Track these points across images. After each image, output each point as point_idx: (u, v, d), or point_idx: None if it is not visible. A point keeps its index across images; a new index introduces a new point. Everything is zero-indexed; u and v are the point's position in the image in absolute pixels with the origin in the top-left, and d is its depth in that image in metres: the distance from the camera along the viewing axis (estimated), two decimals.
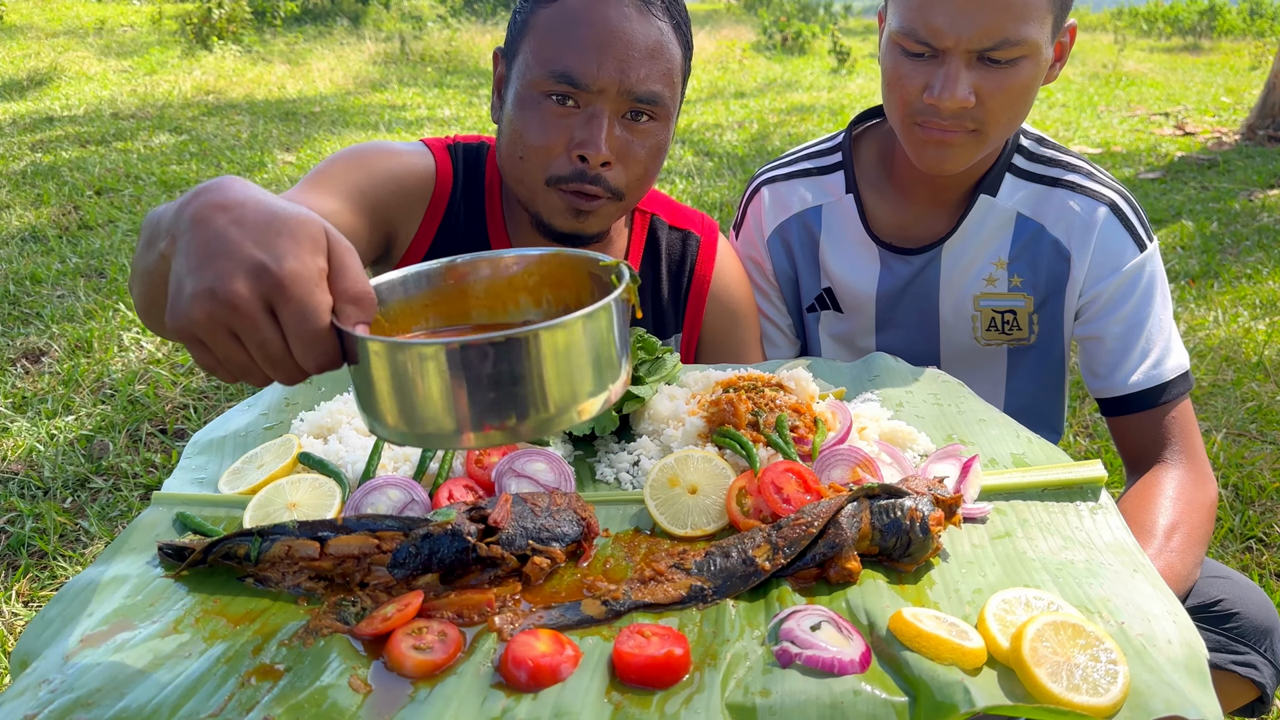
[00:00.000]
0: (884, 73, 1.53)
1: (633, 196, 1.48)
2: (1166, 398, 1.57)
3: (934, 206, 1.68)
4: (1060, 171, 1.65)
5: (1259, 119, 8.19)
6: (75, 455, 3.04)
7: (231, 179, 0.87)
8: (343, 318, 0.81)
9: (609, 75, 1.37)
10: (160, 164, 6.60)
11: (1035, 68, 1.45)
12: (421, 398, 0.77)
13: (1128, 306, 1.60)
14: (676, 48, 1.44)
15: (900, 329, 1.77)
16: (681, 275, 1.73)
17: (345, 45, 12.73)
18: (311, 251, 0.80)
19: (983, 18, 1.38)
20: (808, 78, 12.07)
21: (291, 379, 0.83)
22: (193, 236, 0.80)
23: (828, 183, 1.77)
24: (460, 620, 0.96)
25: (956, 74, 1.42)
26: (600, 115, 1.39)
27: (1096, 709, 0.81)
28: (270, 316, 0.79)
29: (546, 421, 0.78)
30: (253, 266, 0.78)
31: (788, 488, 1.10)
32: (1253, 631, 1.48)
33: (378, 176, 1.50)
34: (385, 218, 1.52)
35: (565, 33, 1.38)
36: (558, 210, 1.45)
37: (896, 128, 1.55)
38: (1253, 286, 4.66)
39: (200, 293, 0.78)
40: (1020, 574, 1.02)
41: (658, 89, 1.40)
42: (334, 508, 1.12)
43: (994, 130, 1.49)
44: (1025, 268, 1.66)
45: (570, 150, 1.40)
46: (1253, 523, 2.78)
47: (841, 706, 0.83)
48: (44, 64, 10.04)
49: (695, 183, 6.59)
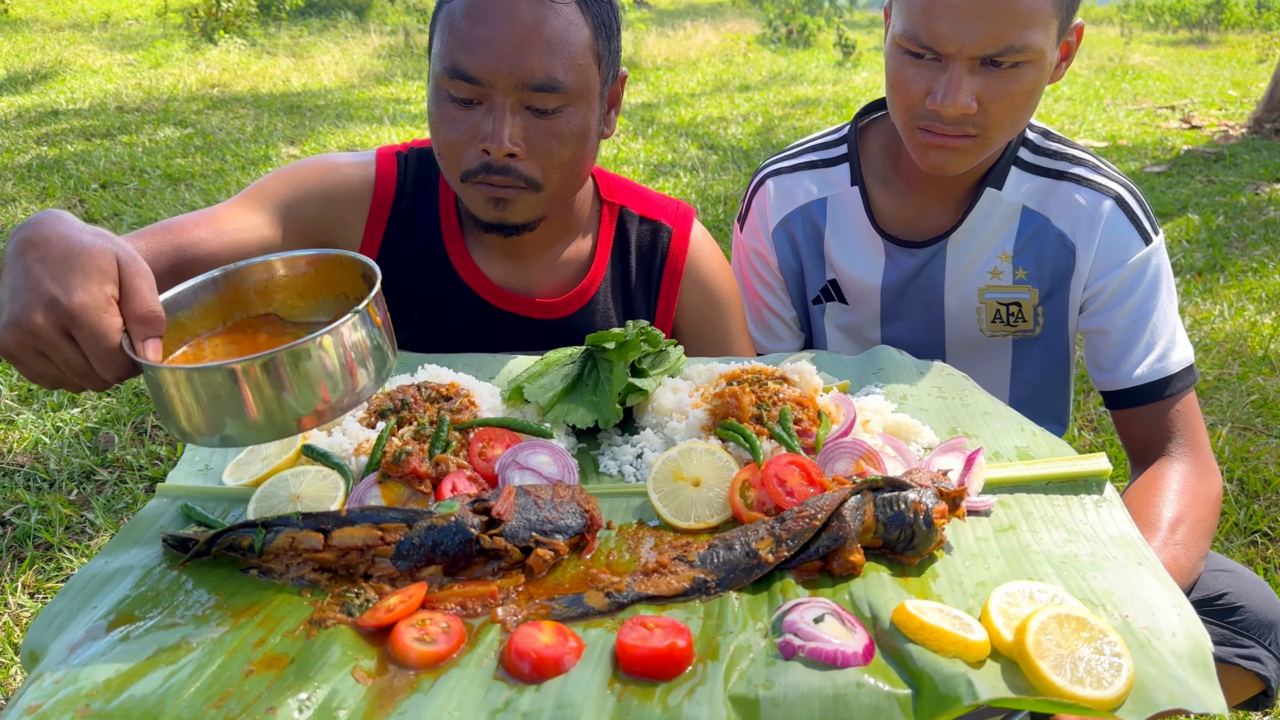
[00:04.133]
0: (888, 73, 1.53)
1: (554, 186, 1.47)
2: (1171, 391, 1.57)
3: (939, 200, 1.68)
4: (1066, 165, 1.65)
5: (1266, 112, 8.15)
6: (81, 447, 3.05)
7: (48, 215, 1.03)
8: (134, 336, 0.99)
9: (498, 68, 1.36)
10: (165, 158, 6.60)
11: (1039, 72, 1.45)
12: (174, 405, 0.95)
13: (1133, 299, 1.60)
14: (582, 26, 1.41)
15: (906, 321, 1.77)
16: (652, 266, 1.72)
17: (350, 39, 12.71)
18: (100, 282, 0.96)
19: (986, 25, 1.37)
20: (812, 71, 12.03)
21: (100, 388, 1.01)
22: (8, 271, 0.99)
23: (833, 175, 1.76)
24: (464, 612, 0.96)
25: (959, 81, 1.42)
26: (499, 109, 1.39)
27: (1100, 702, 0.81)
28: (69, 339, 0.96)
29: (272, 429, 0.96)
30: (48, 300, 0.95)
31: (791, 480, 1.10)
32: (1257, 625, 1.47)
33: (307, 192, 1.58)
34: (315, 229, 1.59)
35: (458, 28, 1.38)
36: (477, 202, 1.47)
37: (900, 128, 1.55)
38: (1259, 280, 4.64)
39: (9, 323, 0.95)
40: (1024, 567, 1.02)
41: (558, 75, 1.39)
42: (338, 499, 1.12)
43: (996, 135, 1.49)
44: (1030, 260, 1.66)
45: (476, 145, 1.41)
46: (1258, 517, 2.77)
47: (844, 699, 0.82)
48: (49, 57, 10.04)
49: (699, 176, 6.58)
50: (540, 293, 1.66)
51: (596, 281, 1.67)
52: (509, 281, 1.64)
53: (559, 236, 1.65)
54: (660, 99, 9.87)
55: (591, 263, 1.68)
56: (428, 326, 1.65)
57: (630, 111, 9.06)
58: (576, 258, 1.68)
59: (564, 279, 1.67)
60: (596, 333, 1.36)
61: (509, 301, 1.64)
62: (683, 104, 9.55)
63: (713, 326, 1.75)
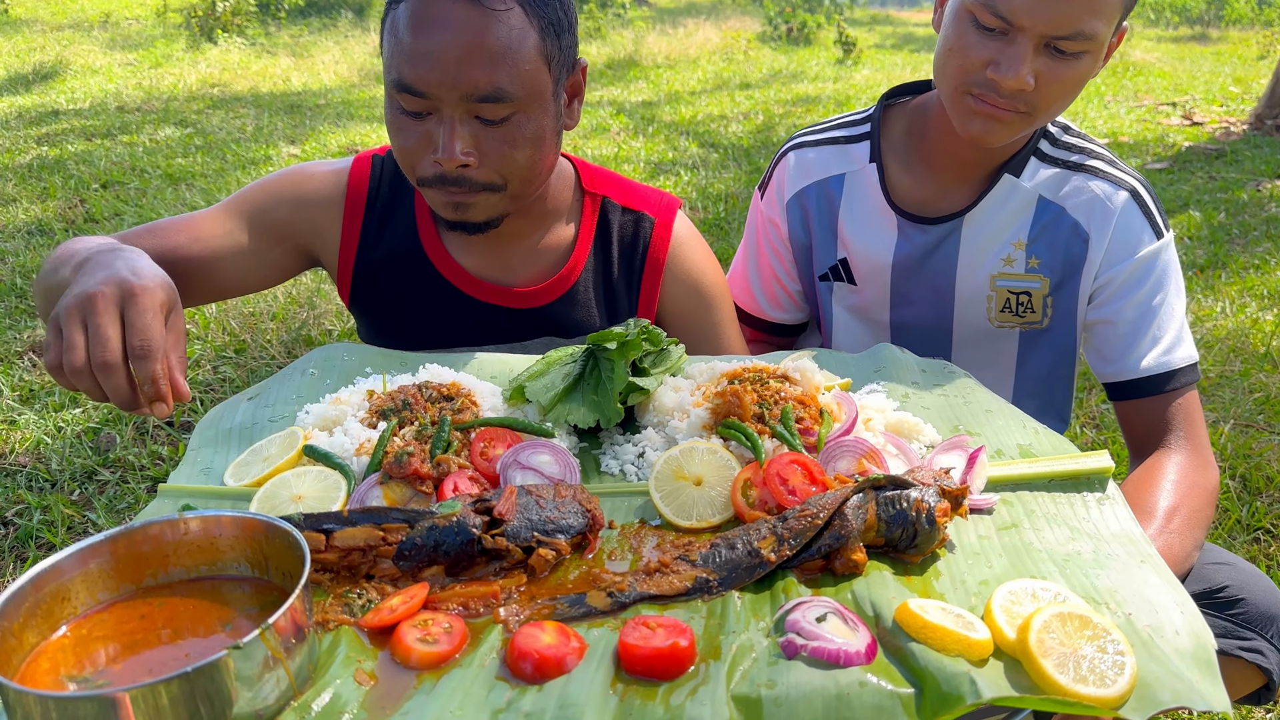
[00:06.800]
0: (946, 39, 1.53)
1: (515, 186, 1.47)
2: (1174, 385, 1.59)
3: (958, 182, 1.70)
4: (1083, 157, 1.68)
5: (1267, 108, 8.14)
6: (83, 448, 3.05)
7: None
8: None
9: (441, 82, 1.35)
10: (166, 157, 6.60)
11: (1094, 62, 1.48)
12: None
13: (1142, 291, 1.62)
14: (527, 31, 1.39)
15: (914, 306, 1.77)
16: (634, 257, 1.72)
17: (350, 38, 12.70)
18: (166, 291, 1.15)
19: (1063, 6, 1.40)
20: (813, 69, 12.01)
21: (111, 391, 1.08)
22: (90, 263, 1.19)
23: (853, 151, 1.78)
24: (466, 612, 0.96)
25: (1024, 56, 1.43)
26: (447, 121, 1.39)
27: (1103, 700, 0.81)
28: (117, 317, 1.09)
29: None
30: (120, 278, 1.12)
31: (793, 479, 1.10)
32: (1259, 617, 1.48)
33: (279, 198, 1.62)
34: (288, 233, 1.64)
35: (401, 39, 1.38)
36: (439, 205, 1.49)
37: (945, 94, 1.56)
38: (1260, 277, 4.63)
39: (79, 292, 1.10)
40: (1027, 565, 1.02)
41: (503, 84, 1.37)
42: (339, 500, 1.12)
43: (1043, 115, 1.52)
44: (1044, 249, 1.67)
45: (429, 154, 1.42)
46: (1260, 513, 2.77)
47: (847, 698, 0.82)
48: (49, 57, 10.03)
49: (700, 174, 6.57)
50: (520, 281, 1.66)
51: (577, 270, 1.68)
52: (487, 272, 1.65)
53: (536, 225, 1.66)
54: (661, 97, 9.86)
55: (572, 251, 1.68)
56: (409, 323, 1.68)
57: (631, 110, 9.05)
58: (557, 246, 1.68)
59: (544, 268, 1.67)
60: (598, 332, 1.36)
61: (487, 293, 1.65)
62: (683, 102, 9.54)
63: (700, 319, 1.75)
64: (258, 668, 0.80)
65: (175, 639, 0.90)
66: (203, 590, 0.96)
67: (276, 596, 0.94)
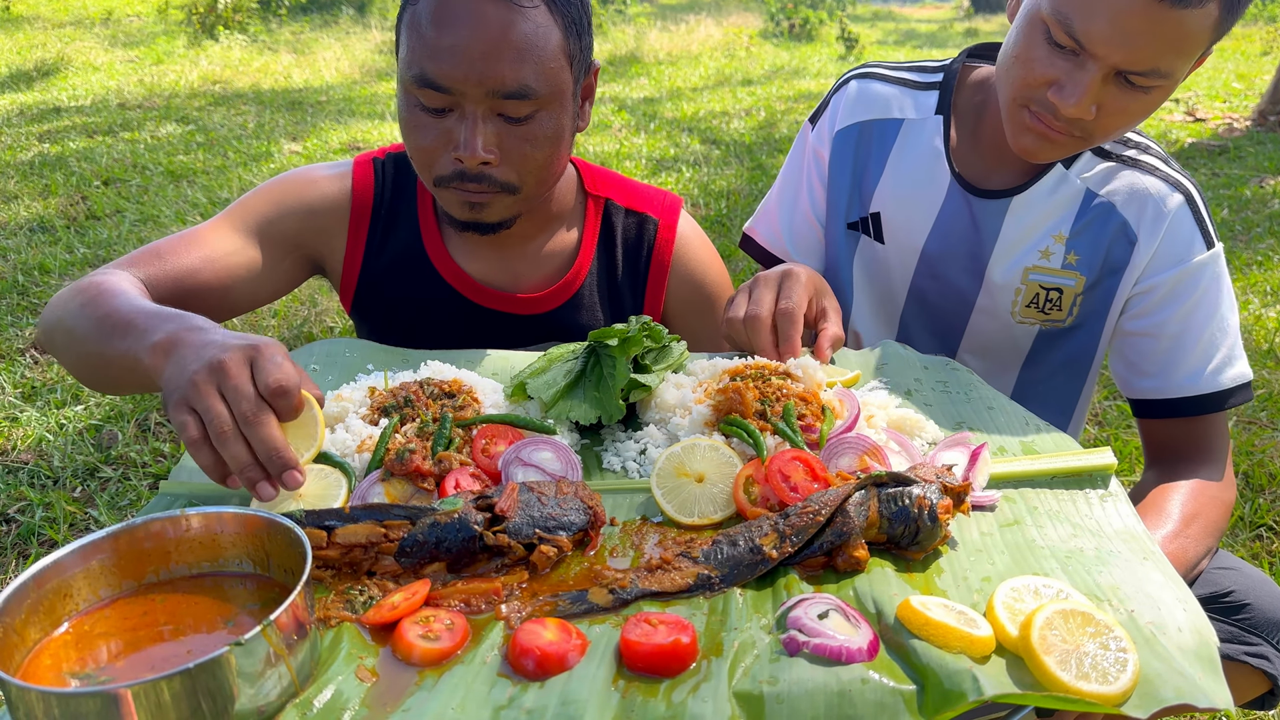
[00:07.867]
0: (1014, 43, 1.43)
1: (530, 187, 1.47)
2: (1220, 406, 1.51)
3: (1015, 160, 1.61)
4: (1137, 152, 1.60)
5: (1270, 105, 8.12)
6: (84, 445, 3.05)
7: None
8: None
9: (467, 78, 1.34)
10: (167, 154, 6.60)
11: (1164, 96, 1.38)
12: None
13: (1187, 304, 1.53)
14: (552, 29, 1.38)
15: (938, 280, 1.68)
16: (638, 259, 1.71)
17: (351, 34, 12.69)
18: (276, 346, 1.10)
19: (1144, 41, 1.28)
20: (815, 65, 12.00)
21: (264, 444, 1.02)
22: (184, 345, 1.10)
23: (921, 98, 1.69)
24: (467, 609, 0.96)
25: (1090, 85, 1.33)
26: (470, 117, 1.38)
27: (1106, 697, 0.80)
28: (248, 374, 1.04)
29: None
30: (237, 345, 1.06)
31: (795, 476, 1.09)
32: (1264, 623, 1.47)
33: (287, 208, 1.60)
34: (298, 243, 1.62)
35: (424, 34, 1.36)
36: (453, 204, 1.48)
37: (1003, 99, 1.48)
38: (1263, 274, 4.62)
39: (206, 362, 1.03)
40: (1029, 562, 1.01)
41: (529, 81, 1.36)
42: (340, 497, 1.12)
43: (1099, 141, 1.45)
44: (1085, 246, 1.59)
45: (449, 152, 1.40)
46: (1263, 510, 2.77)
47: (849, 695, 0.82)
48: (51, 54, 10.03)
49: (702, 171, 6.56)
50: (525, 287, 1.66)
51: (581, 274, 1.67)
52: (492, 278, 1.65)
53: (540, 230, 1.65)
54: (662, 93, 9.86)
55: (576, 255, 1.68)
56: (414, 329, 1.66)
57: (632, 106, 9.04)
58: (561, 251, 1.67)
59: (548, 272, 1.67)
60: (599, 329, 1.36)
61: (492, 299, 1.64)
62: (685, 98, 9.53)
63: (704, 319, 1.74)
64: (259, 664, 0.80)
65: (177, 635, 0.90)
66: (204, 587, 0.96)
67: (278, 593, 0.94)
